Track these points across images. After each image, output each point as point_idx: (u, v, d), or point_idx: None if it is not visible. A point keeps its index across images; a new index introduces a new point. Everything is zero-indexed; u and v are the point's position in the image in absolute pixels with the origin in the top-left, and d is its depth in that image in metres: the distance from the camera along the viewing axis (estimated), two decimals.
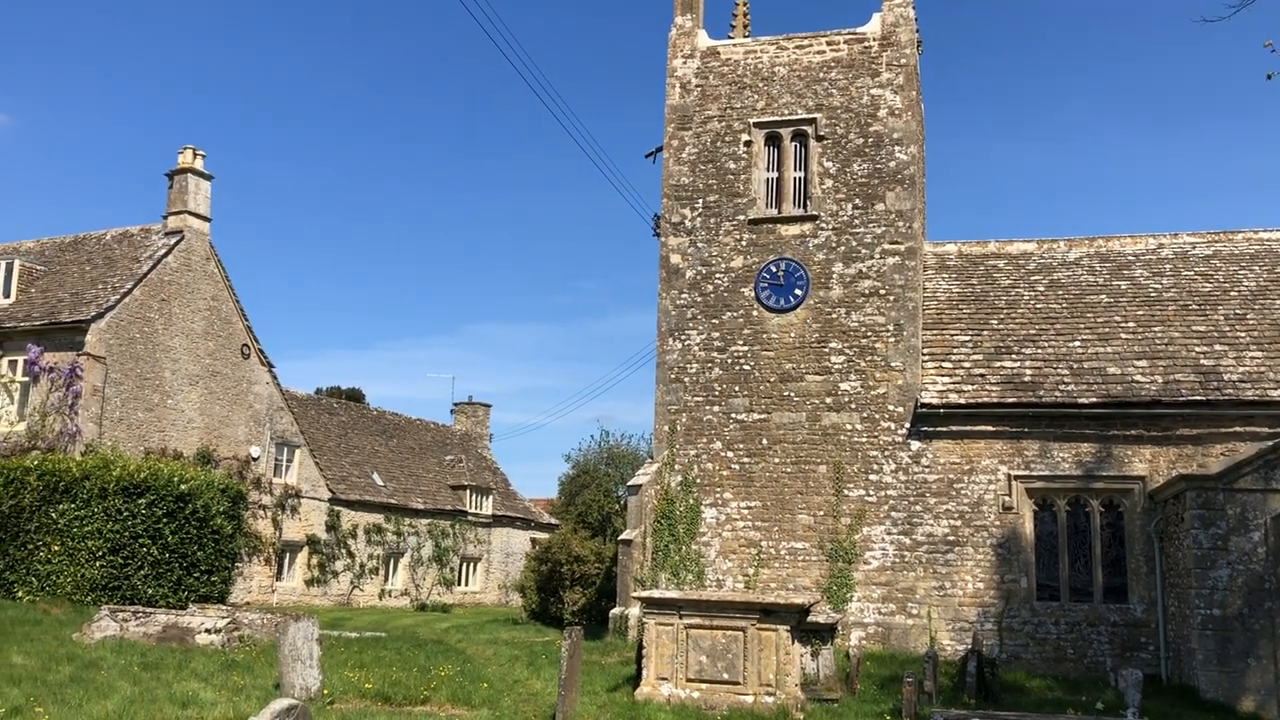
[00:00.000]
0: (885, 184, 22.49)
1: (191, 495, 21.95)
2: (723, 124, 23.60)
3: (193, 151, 32.24)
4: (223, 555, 22.96)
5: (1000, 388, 21.29)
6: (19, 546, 21.34)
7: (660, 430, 22.76)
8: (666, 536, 22.02)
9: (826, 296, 22.29)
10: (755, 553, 21.60)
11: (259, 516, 33.63)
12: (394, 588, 41.26)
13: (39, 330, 28.62)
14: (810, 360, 22.10)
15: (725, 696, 12.88)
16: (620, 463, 49.98)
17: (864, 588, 21.01)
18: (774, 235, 22.87)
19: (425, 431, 49.46)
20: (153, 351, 30.19)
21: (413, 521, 42.41)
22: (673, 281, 23.22)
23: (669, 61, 24.21)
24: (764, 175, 23.28)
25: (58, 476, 21.50)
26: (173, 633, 16.08)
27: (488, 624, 27.36)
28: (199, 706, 11.02)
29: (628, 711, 12.40)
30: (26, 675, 12.10)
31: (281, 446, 35.61)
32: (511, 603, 41.02)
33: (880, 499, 21.27)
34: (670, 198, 23.62)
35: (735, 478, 22.04)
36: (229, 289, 33.20)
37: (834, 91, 23.10)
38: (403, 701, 12.44)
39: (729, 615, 13.23)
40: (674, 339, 22.96)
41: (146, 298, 30.13)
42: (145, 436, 29.44)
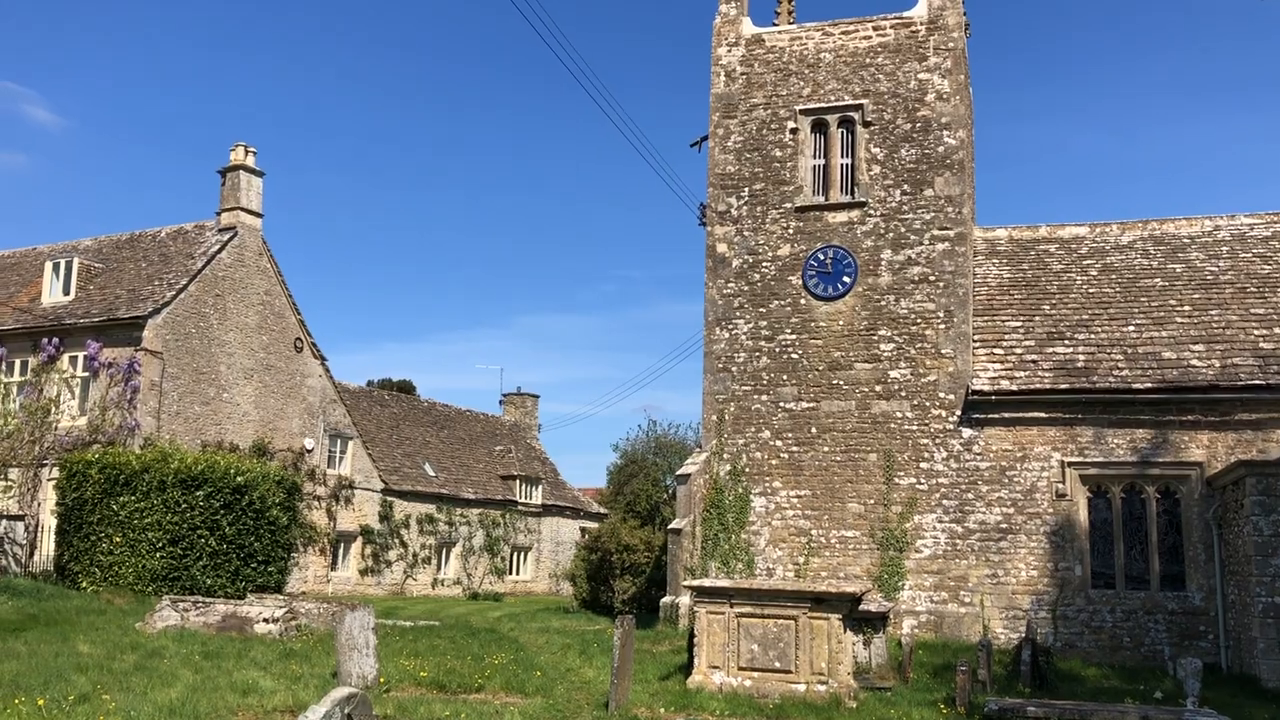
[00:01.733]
0: (934, 169, 22.27)
1: (248, 487, 22.28)
2: (768, 112, 23.49)
3: (244, 148, 32.67)
4: (279, 546, 23.30)
5: (1053, 374, 21.03)
6: (82, 538, 21.81)
7: (708, 420, 22.76)
8: (716, 525, 22.03)
9: (875, 284, 22.14)
10: (805, 541, 21.56)
11: (314, 507, 34.12)
12: (446, 577, 41.69)
13: (98, 327, 29.19)
14: (859, 348, 21.97)
15: (777, 685, 12.88)
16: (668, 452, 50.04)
17: (916, 576, 20.89)
18: (821, 223, 22.74)
19: (475, 422, 49.85)
20: (208, 346, 30.69)
21: (464, 511, 42.80)
22: (719, 271, 23.18)
23: (713, 49, 24.12)
24: (810, 162, 23.15)
25: (118, 469, 21.91)
26: (232, 622, 16.38)
27: (539, 612, 27.56)
28: (259, 694, 11.23)
29: (680, 699, 12.44)
30: (93, 663, 12.40)
31: (335, 438, 36.07)
32: (562, 591, 41.32)
33: (931, 487, 21.13)
34: (716, 187, 23.56)
35: (784, 467, 21.99)
36: (281, 283, 33.65)
37: (881, 77, 22.89)
38: (458, 690, 12.57)
39: (780, 604, 13.21)
40: (721, 328, 22.93)
41: (201, 293, 30.63)
42: (202, 430, 29.96)
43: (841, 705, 12.37)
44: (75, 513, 22.08)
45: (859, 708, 12.42)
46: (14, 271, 34.59)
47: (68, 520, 22.27)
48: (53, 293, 31.64)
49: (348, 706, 5.69)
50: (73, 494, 22.19)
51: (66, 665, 12.04)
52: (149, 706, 10.06)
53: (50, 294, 31.66)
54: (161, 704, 10.25)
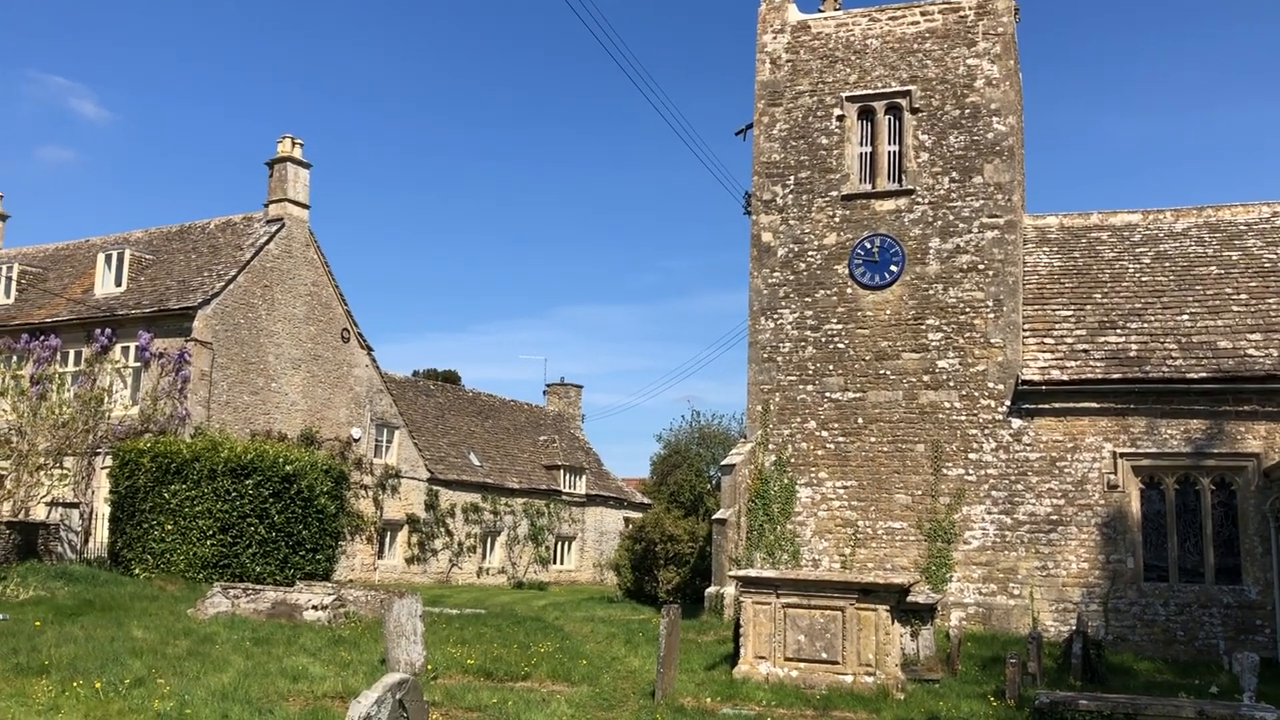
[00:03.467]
0: (983, 156, 21.98)
1: (296, 476, 22.50)
2: (814, 99, 23.30)
3: (291, 140, 32.95)
4: (326, 534, 23.52)
5: (1105, 363, 20.71)
6: (135, 525, 22.15)
7: (753, 410, 22.66)
8: (761, 516, 21.95)
9: (923, 272, 21.91)
10: (851, 532, 21.41)
11: (360, 496, 34.43)
12: (491, 565, 41.94)
13: (149, 317, 29.61)
14: (906, 338, 21.76)
15: (824, 676, 12.81)
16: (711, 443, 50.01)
17: (964, 568, 20.69)
18: (868, 211, 22.54)
19: (519, 412, 50.06)
20: (257, 336, 31.04)
21: (508, 501, 43.01)
22: (764, 260, 23.05)
23: (759, 37, 23.96)
24: (857, 150, 22.94)
25: (169, 458, 22.22)
26: (281, 609, 16.56)
27: (583, 602, 27.62)
28: (309, 680, 11.34)
29: (726, 689, 12.41)
30: (147, 648, 12.59)
31: (381, 428, 36.37)
32: (606, 581, 41.40)
33: (980, 478, 20.89)
34: (761, 175, 23.42)
35: (830, 457, 21.84)
36: (328, 274, 33.95)
37: (929, 63, 22.62)
38: (504, 677, 12.63)
39: (827, 595, 13.14)
40: (766, 318, 22.80)
41: (250, 284, 30.97)
42: (251, 419, 30.31)
43: (889, 697, 12.28)
44: (128, 501, 22.43)
45: (907, 699, 12.32)
46: (68, 263, 35.18)
47: (121, 508, 22.64)
48: (105, 284, 32.14)
49: (399, 692, 5.70)
50: (125, 482, 22.54)
51: (122, 650, 12.24)
52: (202, 691, 10.20)
53: (103, 285, 32.16)
54: (214, 688, 10.39)
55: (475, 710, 10.43)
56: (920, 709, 11.81)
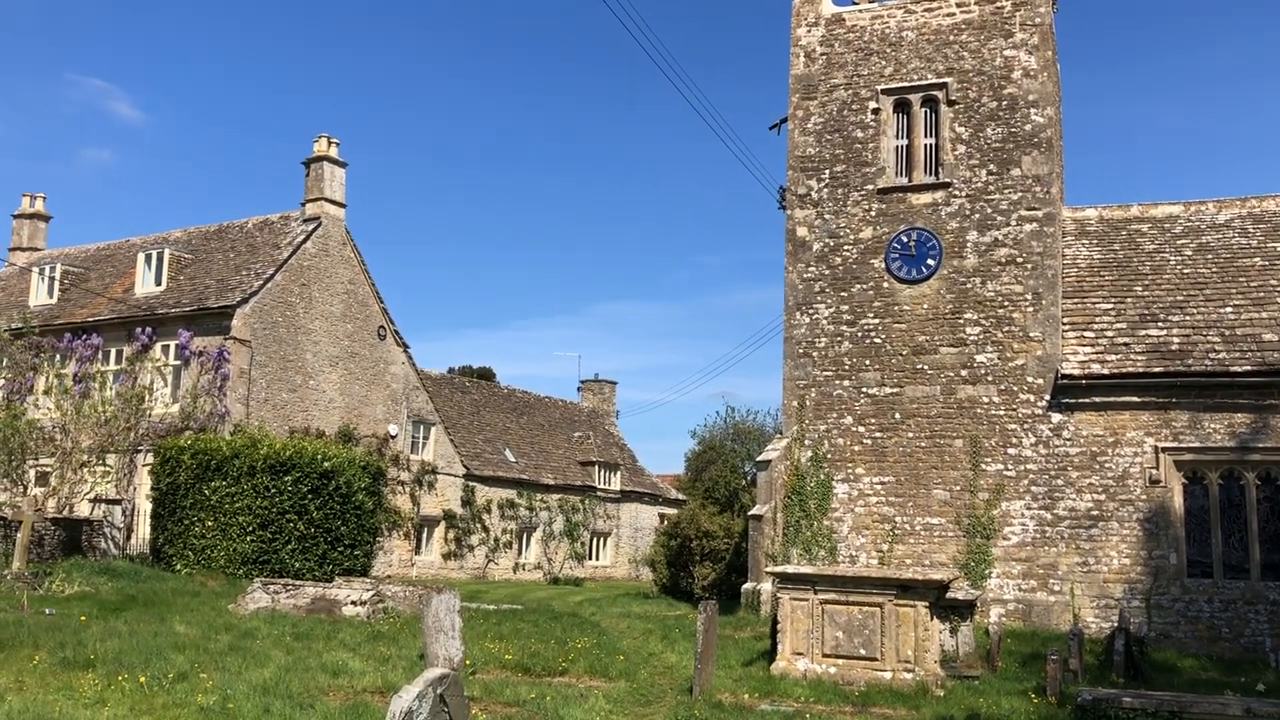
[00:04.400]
0: (1021, 148, 21.75)
1: (334, 472, 22.68)
2: (849, 92, 23.15)
3: (327, 140, 33.19)
4: (364, 530, 23.70)
5: (1146, 357, 20.44)
6: (176, 522, 22.42)
7: (789, 405, 22.57)
8: (797, 512, 21.86)
9: (960, 266, 21.72)
10: (889, 528, 21.28)
11: (398, 492, 34.66)
12: (527, 561, 42.08)
13: (188, 316, 29.95)
14: (944, 332, 21.59)
15: (862, 672, 12.74)
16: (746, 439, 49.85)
17: (1003, 564, 20.51)
18: (904, 204, 22.37)
19: (554, 409, 50.18)
20: (294, 334, 31.30)
21: (544, 497, 43.14)
22: (799, 255, 22.94)
23: (793, 30, 23.83)
24: (893, 143, 22.77)
25: (209, 455, 22.47)
26: (320, 604, 16.69)
27: (619, 598, 27.65)
28: (349, 676, 11.42)
29: (764, 685, 12.37)
30: (189, 643, 12.73)
31: (418, 424, 36.58)
32: (641, 577, 41.43)
33: (1019, 473, 20.70)
34: (796, 169, 23.30)
35: (867, 453, 21.72)
36: (365, 272, 34.17)
37: (965, 54, 22.41)
38: (542, 673, 12.66)
39: (865, 591, 13.06)
40: (801, 313, 22.70)
41: (288, 283, 31.23)
42: (289, 416, 30.59)
43: (929, 693, 12.19)
44: (169, 497, 22.70)
45: (946, 696, 12.22)
46: (109, 263, 35.63)
47: (162, 505, 22.91)
48: (145, 283, 32.53)
49: (440, 687, 5.72)
50: (166, 479, 22.82)
51: (165, 644, 12.38)
52: (244, 685, 10.29)
53: (143, 284, 32.55)
54: (256, 683, 10.48)
55: (514, 705, 10.46)
56: (960, 706, 11.72)
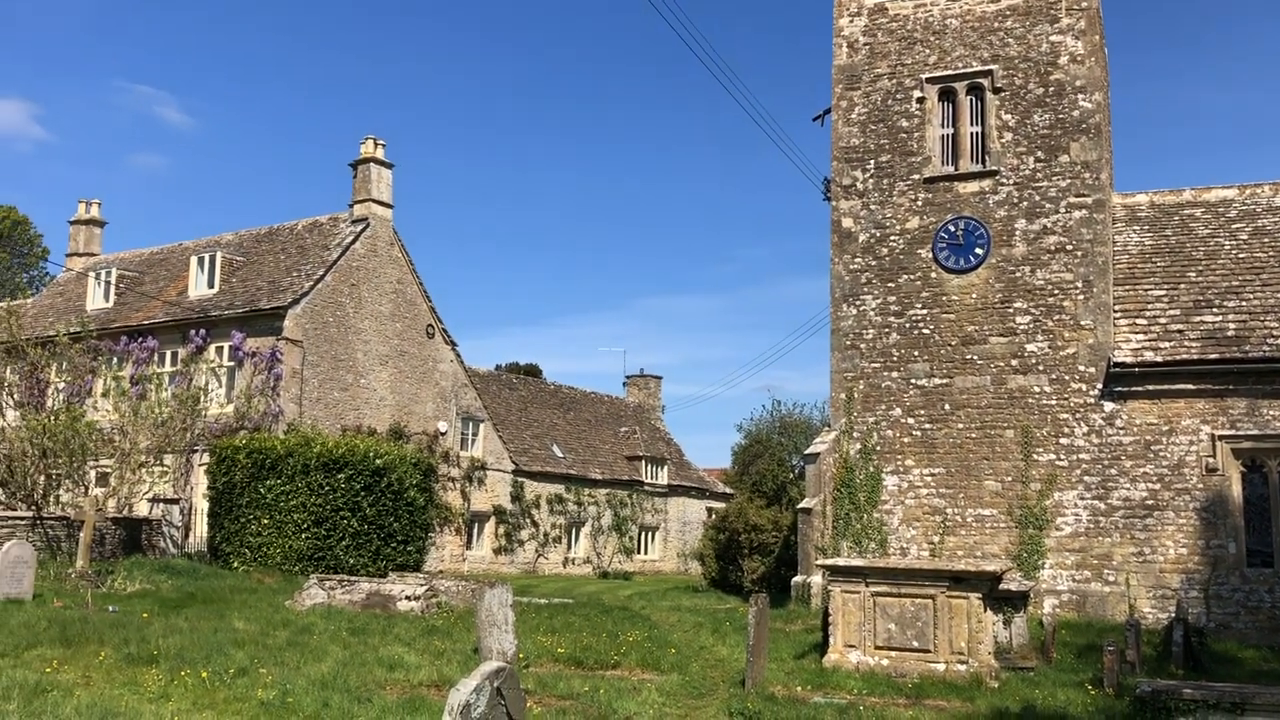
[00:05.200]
0: (1069, 134, 21.48)
1: (386, 469, 22.96)
2: (893, 82, 22.99)
3: (374, 141, 33.51)
4: (416, 526, 23.98)
5: (1200, 344, 20.13)
6: (232, 520, 22.82)
7: (836, 398, 22.48)
8: (847, 505, 21.78)
9: (1009, 255, 21.50)
10: (940, 520, 21.14)
11: (448, 488, 34.97)
12: (576, 555, 42.29)
13: (241, 318, 30.40)
14: (993, 321, 21.39)
15: (915, 664, 12.70)
16: (793, 431, 49.70)
17: (1056, 554, 20.30)
18: (951, 193, 22.18)
19: (600, 404, 50.34)
20: (345, 334, 31.68)
21: (591, 491, 43.31)
22: (845, 246, 22.83)
23: (835, 21, 23.70)
24: (938, 132, 22.58)
25: (264, 454, 22.84)
26: (375, 600, 16.91)
27: (669, 591, 27.70)
28: (405, 669, 11.57)
29: (817, 678, 12.37)
30: (248, 639, 12.97)
31: (467, 421, 36.88)
32: (690, 571, 41.47)
33: (1072, 463, 20.47)
34: (840, 160, 23.19)
35: (917, 444, 21.58)
36: (412, 272, 34.49)
37: (1010, 41, 22.17)
38: (594, 666, 12.75)
39: (917, 583, 13.01)
40: (848, 304, 22.59)
41: (337, 283, 31.61)
42: (341, 415, 30.97)
43: (983, 685, 12.12)
44: (225, 496, 23.11)
45: (1001, 688, 12.15)
46: (162, 267, 36.26)
47: (219, 503, 23.33)
48: (199, 286, 33.06)
49: (497, 680, 5.81)
50: (223, 478, 23.23)
51: (225, 640, 12.62)
52: (303, 680, 10.48)
53: (196, 287, 33.08)
54: (314, 678, 10.66)
55: (568, 698, 10.55)
56: (1015, 697, 11.64)
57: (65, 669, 10.67)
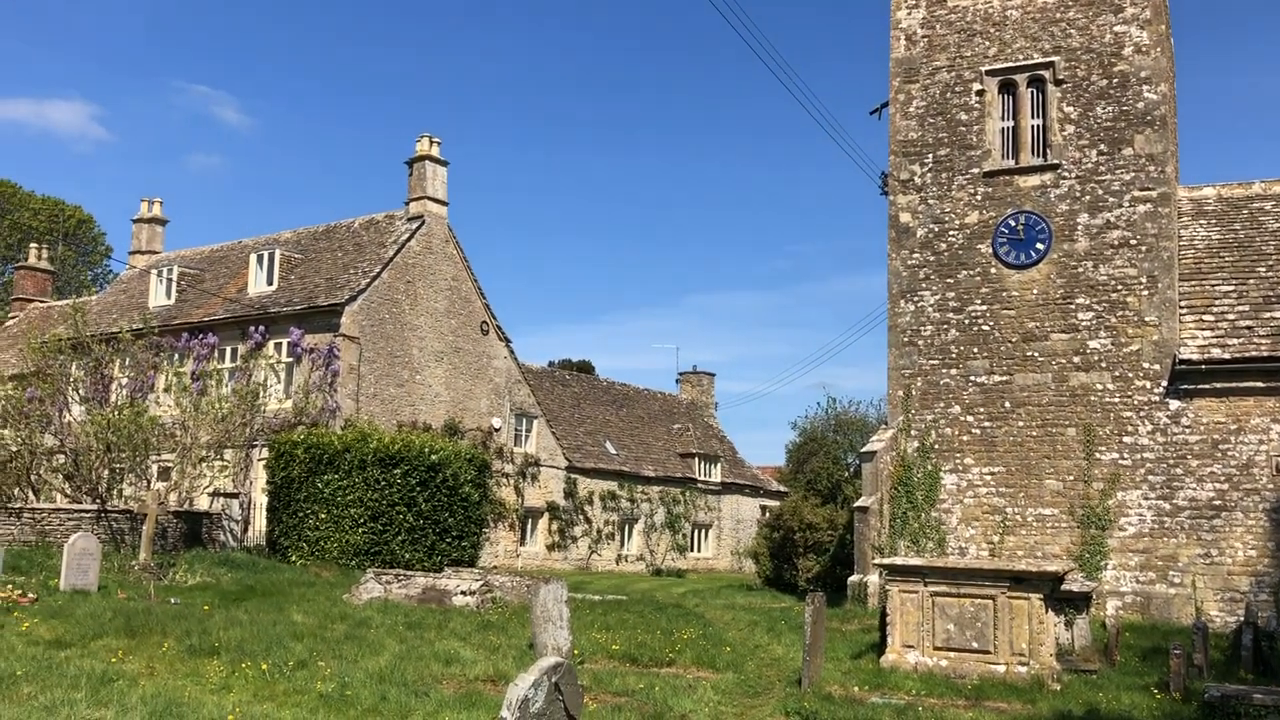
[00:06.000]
0: (1133, 127, 21.04)
1: (441, 465, 23.08)
2: (952, 74, 22.67)
3: (429, 139, 33.74)
4: (471, 521, 24.09)
5: (1271, 340, 19.61)
6: (291, 514, 23.08)
7: (894, 395, 22.23)
8: (904, 503, 21.53)
9: (1071, 249, 21.11)
10: (999, 520, 20.82)
11: (502, 484, 35.13)
12: (629, 553, 42.30)
13: (299, 314, 30.77)
14: (1055, 318, 21.02)
15: (975, 665, 12.50)
16: (848, 429, 49.31)
17: (1119, 555, 19.90)
18: (1011, 187, 21.83)
19: (653, 401, 50.29)
20: (401, 331, 31.94)
21: (644, 489, 43.29)
22: (903, 241, 22.56)
23: (892, 13, 23.43)
24: (998, 125, 22.24)
25: (322, 449, 23.06)
26: (431, 594, 17.01)
27: (722, 589, 27.61)
28: (461, 664, 11.62)
29: (874, 678, 12.22)
30: (307, 632, 13.09)
31: (520, 417, 37.03)
32: (744, 569, 41.32)
33: (1135, 462, 20.05)
34: (898, 154, 22.92)
35: (976, 443, 21.27)
36: (467, 269, 34.69)
37: (1073, 32, 21.75)
38: (649, 663, 12.70)
39: (977, 583, 12.80)
40: (906, 300, 22.33)
41: (393, 280, 31.88)
42: (397, 410, 31.23)
43: (1044, 687, 11.90)
44: (284, 490, 23.38)
45: (1063, 690, 11.92)
46: (222, 264, 36.81)
47: (277, 498, 23.61)
48: (258, 283, 33.52)
49: (555, 675, 5.77)
50: (281, 473, 23.50)
51: (284, 633, 12.75)
52: (360, 673, 10.55)
53: (255, 284, 33.54)
54: (372, 671, 10.73)
55: (623, 695, 10.51)
56: (1078, 700, 11.41)
57: (130, 659, 10.84)
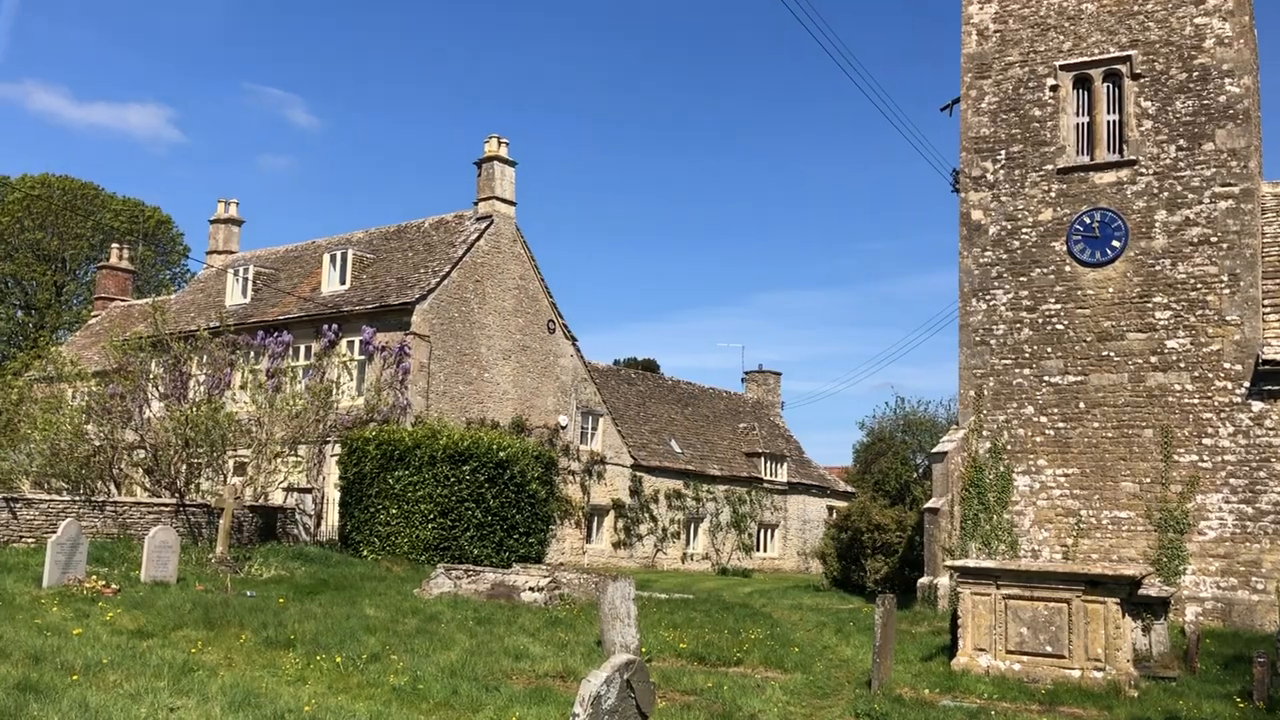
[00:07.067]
0: (1214, 121, 20.51)
1: (509, 462, 23.28)
2: (1025, 69, 22.30)
3: (497, 140, 34.00)
4: (538, 518, 24.26)
5: None
6: (362, 510, 23.45)
7: (965, 395, 21.94)
8: (975, 505, 21.24)
9: (1148, 247, 20.65)
10: (1074, 522, 20.45)
11: (568, 482, 35.31)
12: (695, 551, 42.25)
13: (371, 313, 31.22)
14: (1131, 317, 20.58)
15: (1049, 670, 12.29)
16: (917, 430, 48.77)
17: (1199, 560, 19.43)
18: (1086, 184, 21.41)
19: (718, 400, 50.17)
20: (470, 329, 32.26)
21: (710, 488, 43.21)
22: (975, 239, 22.25)
23: (964, 8, 23.11)
24: (1073, 121, 21.82)
25: (393, 446, 23.40)
26: (500, 590, 17.18)
27: (789, 590, 27.48)
28: (530, 660, 11.71)
29: (945, 681, 12.09)
30: (379, 626, 13.30)
31: (586, 415, 37.18)
32: (810, 569, 41.07)
33: (1216, 464, 19.56)
34: (969, 151, 22.60)
35: (1049, 444, 20.91)
36: (534, 268, 34.91)
37: (1151, 24, 21.27)
38: (716, 662, 12.70)
39: (1051, 586, 12.59)
40: (978, 299, 22.02)
41: (462, 279, 32.20)
42: (466, 408, 31.55)
43: (1121, 693, 11.66)
44: (355, 486, 23.76)
45: (1141, 697, 11.67)
46: (297, 264, 37.46)
47: (349, 493, 24.00)
48: (331, 282, 34.05)
49: (627, 673, 5.80)
50: (353, 469, 23.89)
51: (357, 627, 12.97)
52: (432, 667, 10.69)
53: (329, 284, 34.08)
54: (443, 665, 10.87)
55: (691, 694, 10.52)
56: (1157, 708, 11.17)
57: (209, 650, 11.10)
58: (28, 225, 50.51)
